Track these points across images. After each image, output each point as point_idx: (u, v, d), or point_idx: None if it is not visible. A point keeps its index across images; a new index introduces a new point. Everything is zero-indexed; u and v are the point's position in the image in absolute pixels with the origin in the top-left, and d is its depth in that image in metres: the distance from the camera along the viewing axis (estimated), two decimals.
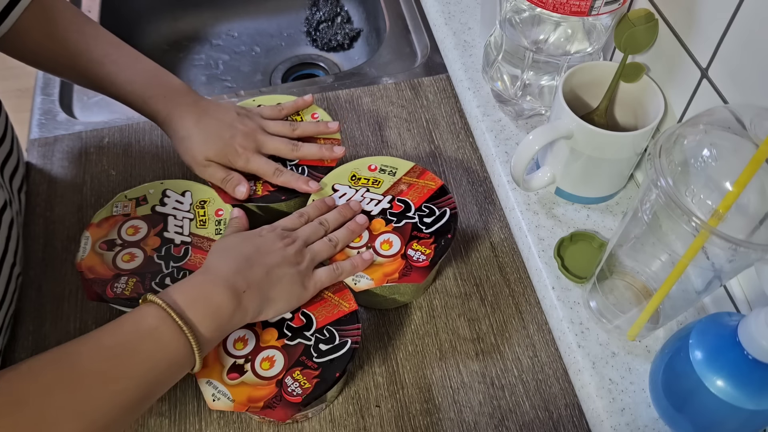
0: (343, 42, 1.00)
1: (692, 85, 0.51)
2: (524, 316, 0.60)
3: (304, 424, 0.54)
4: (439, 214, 0.57)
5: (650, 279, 0.50)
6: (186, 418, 0.54)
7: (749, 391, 0.40)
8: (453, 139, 0.73)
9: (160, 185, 0.59)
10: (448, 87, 0.78)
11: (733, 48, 0.46)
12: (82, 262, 0.53)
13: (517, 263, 0.63)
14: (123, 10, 0.95)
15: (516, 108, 0.66)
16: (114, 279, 0.52)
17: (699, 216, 0.37)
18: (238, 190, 0.57)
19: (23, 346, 0.58)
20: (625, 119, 0.58)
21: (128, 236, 0.55)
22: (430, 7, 0.78)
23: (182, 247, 0.55)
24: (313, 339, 0.50)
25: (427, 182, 0.59)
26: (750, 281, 0.48)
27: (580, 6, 0.52)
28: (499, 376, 0.57)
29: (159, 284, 0.52)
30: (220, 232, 0.56)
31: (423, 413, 0.55)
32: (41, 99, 0.76)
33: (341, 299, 0.52)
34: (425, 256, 0.54)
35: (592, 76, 0.57)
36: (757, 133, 0.38)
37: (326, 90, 0.78)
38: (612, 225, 0.60)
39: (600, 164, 0.56)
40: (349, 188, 0.58)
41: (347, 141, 0.72)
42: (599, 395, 0.50)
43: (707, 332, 0.43)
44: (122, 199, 0.58)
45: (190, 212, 0.57)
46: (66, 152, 0.71)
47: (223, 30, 1.03)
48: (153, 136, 0.72)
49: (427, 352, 0.58)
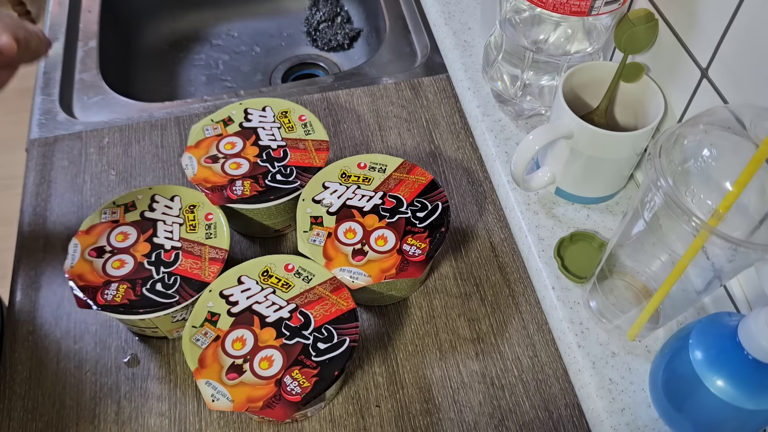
0: (343, 42, 1.00)
1: (692, 85, 0.51)
2: (524, 316, 0.60)
3: (303, 424, 0.54)
4: (432, 208, 0.57)
5: (650, 279, 0.50)
6: (186, 418, 0.54)
7: (749, 391, 0.40)
8: (453, 139, 0.73)
9: (149, 191, 0.59)
10: (448, 87, 0.78)
11: (733, 48, 0.46)
12: (71, 269, 0.53)
13: (517, 263, 0.63)
14: (123, 10, 0.95)
15: (516, 108, 0.65)
16: (104, 286, 0.52)
17: (699, 216, 0.37)
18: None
19: (23, 346, 0.58)
20: (625, 119, 0.58)
21: (118, 243, 0.55)
22: (430, 7, 0.78)
23: (172, 252, 0.55)
24: (312, 338, 0.50)
25: (417, 177, 0.59)
26: (750, 281, 0.47)
27: (580, 6, 0.52)
28: (499, 376, 0.56)
29: (150, 290, 0.52)
30: (210, 236, 0.56)
31: (423, 413, 0.55)
32: (41, 99, 0.76)
33: (339, 298, 0.52)
34: (421, 251, 0.54)
35: (592, 76, 0.57)
36: (757, 133, 0.38)
37: (326, 90, 0.78)
38: (612, 225, 0.60)
39: (600, 164, 0.56)
40: (340, 185, 0.59)
41: (347, 141, 0.72)
42: (599, 395, 0.50)
43: (707, 332, 0.43)
44: (110, 206, 0.58)
45: (179, 217, 0.57)
46: (66, 152, 0.71)
47: (223, 30, 1.03)
48: (153, 136, 0.72)
49: (427, 352, 0.58)
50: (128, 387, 0.56)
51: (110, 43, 0.88)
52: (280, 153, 0.61)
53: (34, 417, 0.54)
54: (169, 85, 0.96)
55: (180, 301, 0.52)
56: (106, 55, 0.84)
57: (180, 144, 0.72)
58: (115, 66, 0.87)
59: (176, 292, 0.52)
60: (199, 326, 0.50)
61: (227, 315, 0.51)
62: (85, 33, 0.85)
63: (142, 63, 0.97)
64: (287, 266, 0.54)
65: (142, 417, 0.54)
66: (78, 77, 0.80)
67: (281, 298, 0.52)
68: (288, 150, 0.61)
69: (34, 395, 0.55)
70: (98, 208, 0.58)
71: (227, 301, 0.52)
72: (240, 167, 0.59)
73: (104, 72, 0.81)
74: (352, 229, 0.56)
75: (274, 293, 0.52)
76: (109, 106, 0.77)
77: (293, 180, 0.59)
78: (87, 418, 0.54)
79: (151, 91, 0.94)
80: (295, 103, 0.65)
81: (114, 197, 0.59)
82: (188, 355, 0.49)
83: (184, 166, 0.59)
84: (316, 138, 0.62)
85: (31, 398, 0.55)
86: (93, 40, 0.84)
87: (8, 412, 0.54)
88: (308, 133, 0.62)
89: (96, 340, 0.58)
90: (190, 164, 0.60)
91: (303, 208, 0.57)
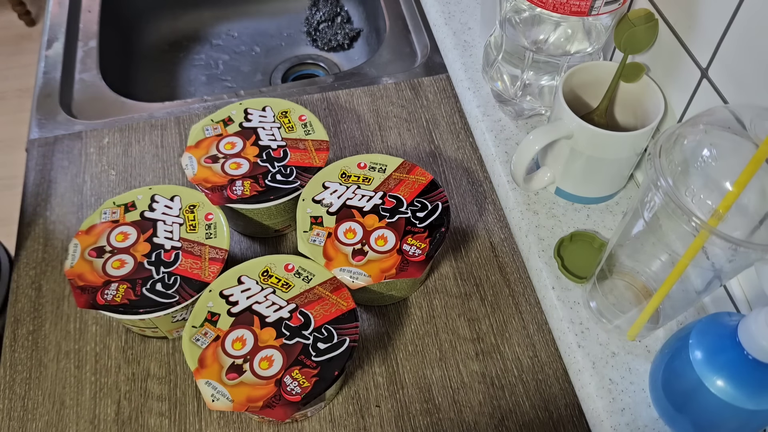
0: (343, 42, 1.00)
1: (692, 85, 0.51)
2: (524, 316, 0.60)
3: (303, 424, 0.54)
4: (432, 208, 0.57)
5: (650, 279, 0.50)
6: (186, 418, 0.54)
7: (749, 391, 0.40)
8: (453, 139, 0.73)
9: (149, 191, 0.59)
10: (448, 87, 0.78)
11: (733, 48, 0.46)
12: (71, 269, 0.53)
13: (517, 263, 0.63)
14: (123, 10, 0.95)
15: (516, 108, 0.65)
16: (104, 286, 0.52)
17: (699, 216, 0.37)
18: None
19: (23, 345, 0.58)
20: (625, 119, 0.58)
21: (117, 243, 0.55)
22: (430, 7, 0.78)
23: (172, 252, 0.55)
24: (312, 338, 0.50)
25: (417, 177, 0.59)
26: (750, 281, 0.47)
27: (580, 6, 0.52)
28: (499, 376, 0.56)
29: (150, 290, 0.52)
30: (210, 236, 0.56)
31: (423, 413, 0.55)
32: (41, 99, 0.76)
33: (339, 298, 0.52)
34: (421, 251, 0.54)
35: (592, 76, 0.57)
36: (757, 133, 0.38)
37: (326, 90, 0.78)
38: (612, 225, 0.60)
39: (600, 164, 0.56)
40: (340, 185, 0.59)
41: (347, 141, 0.72)
42: (599, 395, 0.50)
43: (707, 332, 0.43)
44: (110, 206, 0.58)
45: (179, 217, 0.57)
46: (66, 152, 0.71)
47: (223, 30, 1.03)
48: (153, 136, 0.72)
49: (427, 352, 0.58)
50: (128, 387, 0.56)
51: (110, 43, 0.88)
52: (280, 153, 0.61)
53: (34, 417, 0.54)
54: (169, 85, 0.96)
55: (180, 301, 0.52)
56: (106, 55, 0.84)
57: (180, 144, 0.72)
58: (115, 66, 0.87)
59: (176, 292, 0.52)
60: (199, 326, 0.50)
61: (227, 315, 0.51)
62: (85, 33, 0.85)
63: (142, 63, 0.97)
64: (287, 266, 0.54)
65: (142, 417, 0.54)
66: (78, 77, 0.80)
67: (281, 298, 0.52)
68: (288, 150, 0.61)
69: (34, 395, 0.55)
70: (98, 208, 0.58)
71: (227, 301, 0.52)
72: (240, 167, 0.59)
73: (104, 72, 0.81)
74: (352, 229, 0.56)
75: (274, 293, 0.52)
76: (109, 106, 0.77)
77: (293, 180, 0.59)
78: (87, 418, 0.54)
79: (151, 91, 0.94)
80: (295, 103, 0.65)
81: (114, 197, 0.59)
82: (188, 355, 0.49)
83: (184, 166, 0.59)
84: (316, 138, 0.62)
85: (31, 398, 0.55)
86: (93, 40, 0.84)
87: (8, 412, 0.54)
88: (308, 133, 0.62)
89: (96, 340, 0.58)
90: (190, 164, 0.60)
91: (303, 208, 0.57)
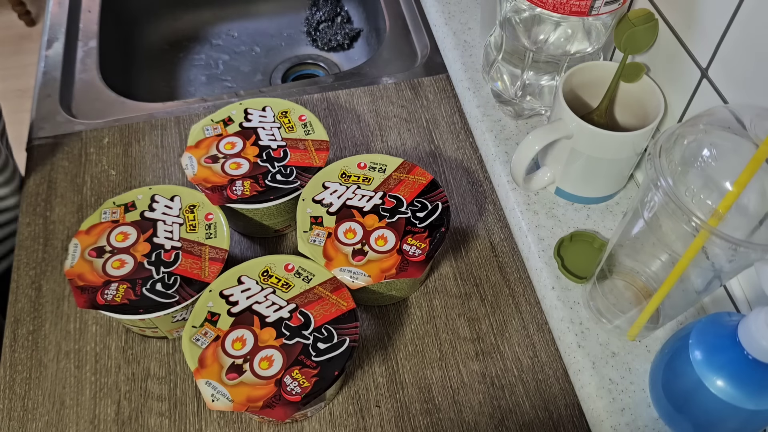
0: (343, 42, 1.00)
1: (692, 85, 0.51)
2: (524, 316, 0.60)
3: (303, 424, 0.54)
4: (432, 208, 0.57)
5: (650, 279, 0.50)
6: (186, 418, 0.54)
7: (749, 391, 0.40)
8: (453, 139, 0.73)
9: (149, 191, 0.59)
10: (448, 87, 0.78)
11: (733, 48, 0.46)
12: (71, 269, 0.53)
13: (517, 263, 0.63)
14: (123, 10, 0.95)
15: (516, 108, 0.65)
16: (104, 286, 0.52)
17: (699, 216, 0.37)
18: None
19: (23, 345, 0.58)
20: (625, 119, 0.58)
21: (117, 242, 0.55)
22: (430, 7, 0.78)
23: (172, 252, 0.55)
24: (312, 338, 0.50)
25: (417, 177, 0.59)
26: (750, 281, 0.47)
27: (580, 6, 0.52)
28: (499, 376, 0.56)
29: (150, 290, 0.52)
30: (210, 236, 0.56)
31: (423, 413, 0.55)
32: (41, 99, 0.76)
33: (339, 298, 0.52)
34: (421, 251, 0.54)
35: (592, 76, 0.57)
36: (757, 133, 0.38)
37: (326, 90, 0.78)
38: (612, 225, 0.60)
39: (600, 164, 0.56)
40: (340, 185, 0.59)
41: (347, 141, 0.72)
42: (599, 395, 0.50)
43: (707, 332, 0.43)
44: (110, 206, 0.57)
45: (179, 217, 0.57)
46: (66, 152, 0.71)
47: (223, 30, 1.03)
48: (153, 136, 0.72)
49: (427, 352, 0.58)
50: (128, 387, 0.56)
51: (110, 43, 0.88)
52: (280, 153, 0.61)
53: (34, 417, 0.54)
54: (169, 85, 0.96)
55: (180, 301, 0.52)
56: (106, 55, 0.84)
57: (180, 144, 0.72)
58: (115, 66, 0.87)
59: (176, 292, 0.52)
60: (199, 326, 0.50)
61: (227, 315, 0.51)
62: (85, 33, 0.85)
63: (142, 63, 0.97)
64: (287, 266, 0.54)
65: (142, 417, 0.54)
66: (78, 77, 0.80)
67: (281, 298, 0.52)
68: (288, 150, 0.61)
69: (34, 395, 0.55)
70: (98, 208, 0.58)
71: (227, 301, 0.52)
72: (240, 167, 0.59)
73: (104, 72, 0.81)
74: (352, 229, 0.56)
75: (274, 293, 0.52)
76: (109, 106, 0.77)
77: (293, 180, 0.59)
78: (87, 418, 0.54)
79: (151, 91, 0.94)
80: (295, 103, 0.65)
81: (114, 197, 0.59)
82: (188, 355, 0.49)
83: (184, 166, 0.59)
84: (316, 138, 0.62)
85: (31, 398, 0.55)
86: (93, 40, 0.84)
87: (8, 412, 0.54)
88: (308, 133, 0.62)
89: (96, 340, 0.58)
90: (190, 164, 0.60)
91: (303, 208, 0.57)
